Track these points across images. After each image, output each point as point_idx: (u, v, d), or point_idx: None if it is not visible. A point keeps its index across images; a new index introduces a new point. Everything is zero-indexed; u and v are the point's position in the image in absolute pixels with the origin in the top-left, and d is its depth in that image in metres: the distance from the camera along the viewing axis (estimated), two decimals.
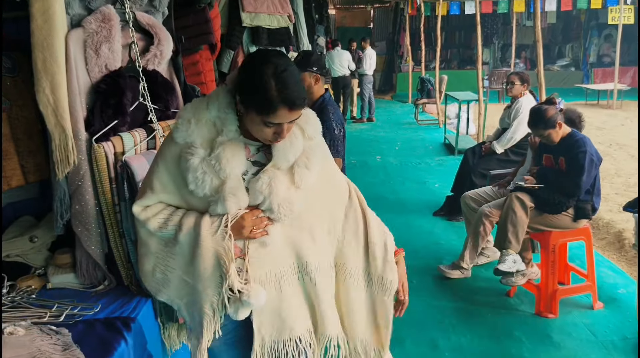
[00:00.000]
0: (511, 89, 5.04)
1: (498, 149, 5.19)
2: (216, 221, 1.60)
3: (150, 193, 1.68)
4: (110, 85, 2.14)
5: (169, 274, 1.70)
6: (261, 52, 1.59)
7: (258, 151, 1.69)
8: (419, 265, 4.34)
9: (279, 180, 1.62)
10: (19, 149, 2.28)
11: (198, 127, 1.59)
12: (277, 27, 4.77)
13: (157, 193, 1.67)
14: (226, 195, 1.58)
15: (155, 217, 1.66)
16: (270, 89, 1.48)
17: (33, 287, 2.16)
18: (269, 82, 1.48)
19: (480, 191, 4.28)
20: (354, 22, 19.23)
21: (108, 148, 2.11)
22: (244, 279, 1.61)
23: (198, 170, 1.57)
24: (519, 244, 3.52)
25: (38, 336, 1.74)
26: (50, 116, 1.99)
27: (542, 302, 3.53)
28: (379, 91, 17.41)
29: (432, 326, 3.46)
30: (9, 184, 2.24)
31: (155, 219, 1.66)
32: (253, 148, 1.68)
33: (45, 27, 1.96)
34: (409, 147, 9.28)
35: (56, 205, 2.13)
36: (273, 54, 1.55)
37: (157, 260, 1.70)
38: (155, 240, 1.69)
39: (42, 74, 1.97)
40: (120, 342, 1.83)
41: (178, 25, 2.65)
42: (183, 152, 1.60)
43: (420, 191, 6.56)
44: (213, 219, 1.61)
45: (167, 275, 1.70)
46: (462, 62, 17.73)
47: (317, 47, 10.42)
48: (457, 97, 8.70)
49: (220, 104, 1.60)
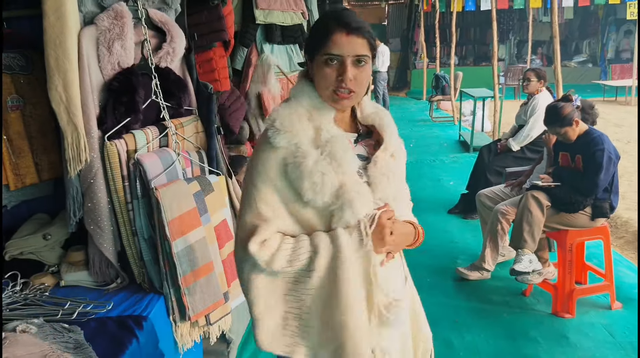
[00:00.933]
0: (527, 85, 4.97)
1: (514, 147, 5.13)
2: (354, 231, 1.37)
3: (263, 224, 1.37)
4: (122, 83, 2.14)
5: (308, 318, 1.41)
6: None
7: (356, 143, 1.50)
8: (433, 263, 4.31)
9: (391, 170, 1.47)
10: (33, 147, 2.29)
11: (300, 123, 1.38)
12: (291, 24, 4.75)
13: (271, 221, 1.38)
14: (352, 196, 1.35)
15: (280, 251, 1.35)
16: (327, 19, 1.38)
17: (46, 285, 2.17)
18: (326, 16, 1.40)
19: (496, 189, 4.23)
20: (368, 19, 19.11)
21: (120, 146, 2.11)
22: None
23: (314, 174, 1.34)
24: (535, 243, 3.47)
25: (50, 334, 1.75)
26: (63, 114, 2.00)
27: (559, 302, 3.48)
28: (393, 88, 17.34)
29: (447, 325, 3.42)
30: (23, 182, 2.25)
31: (281, 254, 1.35)
32: (351, 139, 1.49)
33: (58, 24, 1.96)
34: (423, 144, 9.22)
35: (69, 203, 2.14)
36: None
37: (289, 305, 1.41)
38: (282, 281, 1.40)
39: (55, 71, 1.98)
40: (132, 341, 1.82)
41: (191, 23, 2.64)
42: (290, 158, 1.36)
43: (434, 188, 6.51)
44: (349, 230, 1.37)
45: (306, 319, 1.41)
46: (478, 58, 17.59)
47: None
48: (472, 94, 8.62)
49: (304, 90, 1.43)
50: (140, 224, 2.14)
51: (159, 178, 2.16)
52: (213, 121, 2.59)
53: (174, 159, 2.29)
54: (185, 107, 2.48)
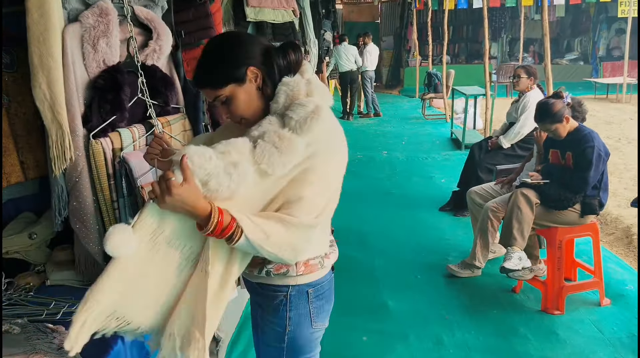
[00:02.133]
0: (517, 82, 4.98)
1: (505, 144, 5.14)
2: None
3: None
4: (108, 80, 2.11)
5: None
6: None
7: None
8: (424, 260, 4.32)
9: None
10: (19, 145, 2.26)
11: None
12: (282, 21, 4.74)
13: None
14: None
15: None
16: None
17: (31, 284, 2.15)
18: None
19: (486, 186, 4.23)
20: (362, 17, 19.15)
21: (106, 144, 2.09)
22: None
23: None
24: (525, 241, 3.48)
25: (34, 334, 1.73)
26: (47, 112, 1.97)
27: (549, 299, 3.49)
28: (386, 86, 17.37)
29: (437, 322, 3.43)
30: (8, 180, 2.23)
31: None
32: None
33: (42, 21, 1.93)
34: (415, 142, 9.23)
35: (54, 202, 2.11)
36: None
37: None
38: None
39: (39, 69, 1.95)
40: (116, 340, 1.80)
41: (178, 20, 2.62)
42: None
43: (426, 186, 6.52)
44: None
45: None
46: (470, 56, 17.61)
47: (324, 42, 10.38)
48: (464, 91, 8.64)
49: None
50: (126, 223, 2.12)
51: (145, 176, 2.14)
52: (201, 119, 2.57)
53: None
54: (173, 105, 2.47)
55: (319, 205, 1.47)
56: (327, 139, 1.49)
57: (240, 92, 1.50)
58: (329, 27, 11.31)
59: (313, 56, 7.93)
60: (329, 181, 1.49)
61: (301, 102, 1.47)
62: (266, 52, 1.55)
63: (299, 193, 1.43)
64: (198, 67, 1.53)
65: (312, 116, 1.44)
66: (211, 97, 1.52)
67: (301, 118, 1.44)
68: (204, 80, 1.52)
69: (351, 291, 3.75)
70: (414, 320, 3.45)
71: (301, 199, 1.43)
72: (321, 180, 1.46)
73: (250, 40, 1.57)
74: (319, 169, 1.46)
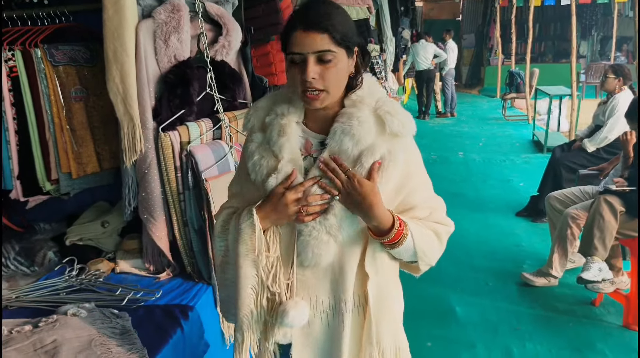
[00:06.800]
0: (604, 82, 4.67)
1: (589, 148, 4.84)
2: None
3: (228, 200, 1.57)
4: (177, 75, 2.17)
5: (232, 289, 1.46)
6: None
7: (322, 147, 1.39)
8: (496, 267, 4.14)
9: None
10: (95, 137, 2.36)
11: (272, 107, 1.43)
12: (356, 18, 4.70)
13: (233, 198, 1.54)
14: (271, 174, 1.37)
15: (218, 221, 1.52)
16: (291, 15, 1.33)
17: (102, 271, 2.24)
18: (292, 12, 1.36)
19: (567, 191, 4.00)
20: (442, 14, 18.73)
21: (174, 137, 2.14)
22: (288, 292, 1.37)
23: (255, 155, 1.40)
24: (606, 251, 3.25)
25: (99, 318, 1.79)
26: (120, 105, 2.05)
27: (631, 314, 3.25)
28: (466, 85, 16.94)
29: (507, 332, 3.27)
30: (84, 170, 2.33)
31: (217, 223, 1.51)
32: (315, 141, 1.41)
33: (116, 17, 2.01)
34: (494, 143, 8.91)
35: (125, 192, 2.20)
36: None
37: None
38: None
39: (113, 63, 2.03)
40: (176, 330, 1.84)
41: (247, 16, 2.65)
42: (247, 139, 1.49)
43: (503, 189, 6.27)
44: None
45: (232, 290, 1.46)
46: (557, 55, 16.78)
47: (402, 39, 10.25)
48: (548, 92, 8.23)
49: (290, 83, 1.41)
50: (191, 215, 2.17)
51: (210, 170, 2.17)
52: None
53: (226, 151, 2.30)
54: (240, 100, 2.49)
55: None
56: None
57: (344, 61, 1.33)
58: (407, 24, 11.15)
59: (389, 53, 7.85)
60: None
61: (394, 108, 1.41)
62: (363, 45, 1.43)
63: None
64: (316, 10, 1.30)
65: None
66: (317, 46, 1.27)
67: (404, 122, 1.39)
68: (326, 26, 1.27)
69: (417, 295, 3.65)
70: (483, 329, 3.31)
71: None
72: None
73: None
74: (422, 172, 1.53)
